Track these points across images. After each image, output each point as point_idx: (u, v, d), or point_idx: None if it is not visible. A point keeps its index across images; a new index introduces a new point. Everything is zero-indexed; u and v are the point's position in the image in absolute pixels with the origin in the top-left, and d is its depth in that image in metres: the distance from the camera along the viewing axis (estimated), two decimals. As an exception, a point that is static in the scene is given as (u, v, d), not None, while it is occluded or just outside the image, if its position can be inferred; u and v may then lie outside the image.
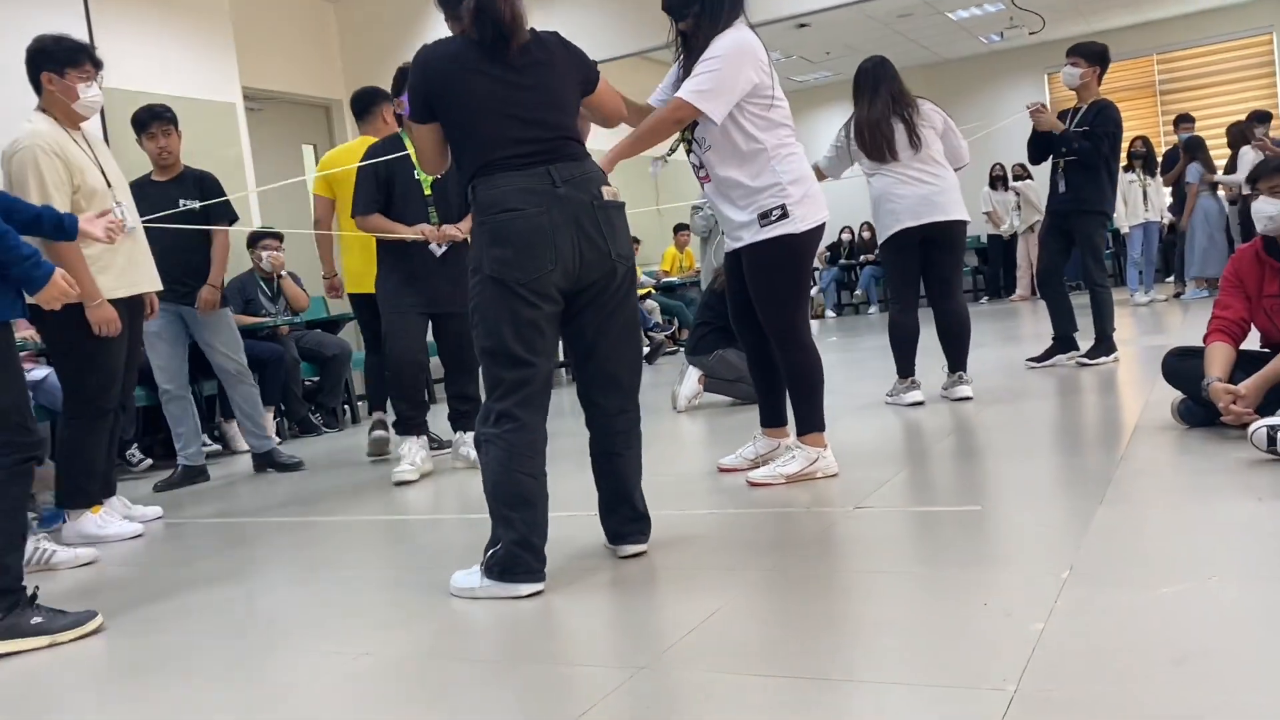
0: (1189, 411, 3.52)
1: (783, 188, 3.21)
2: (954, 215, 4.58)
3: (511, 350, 2.43)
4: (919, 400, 4.66)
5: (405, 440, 4.40)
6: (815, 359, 3.35)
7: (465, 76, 2.49)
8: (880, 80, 4.62)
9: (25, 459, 2.56)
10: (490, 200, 2.44)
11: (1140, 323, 7.57)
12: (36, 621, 2.48)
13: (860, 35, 11.61)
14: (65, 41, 3.65)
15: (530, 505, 2.43)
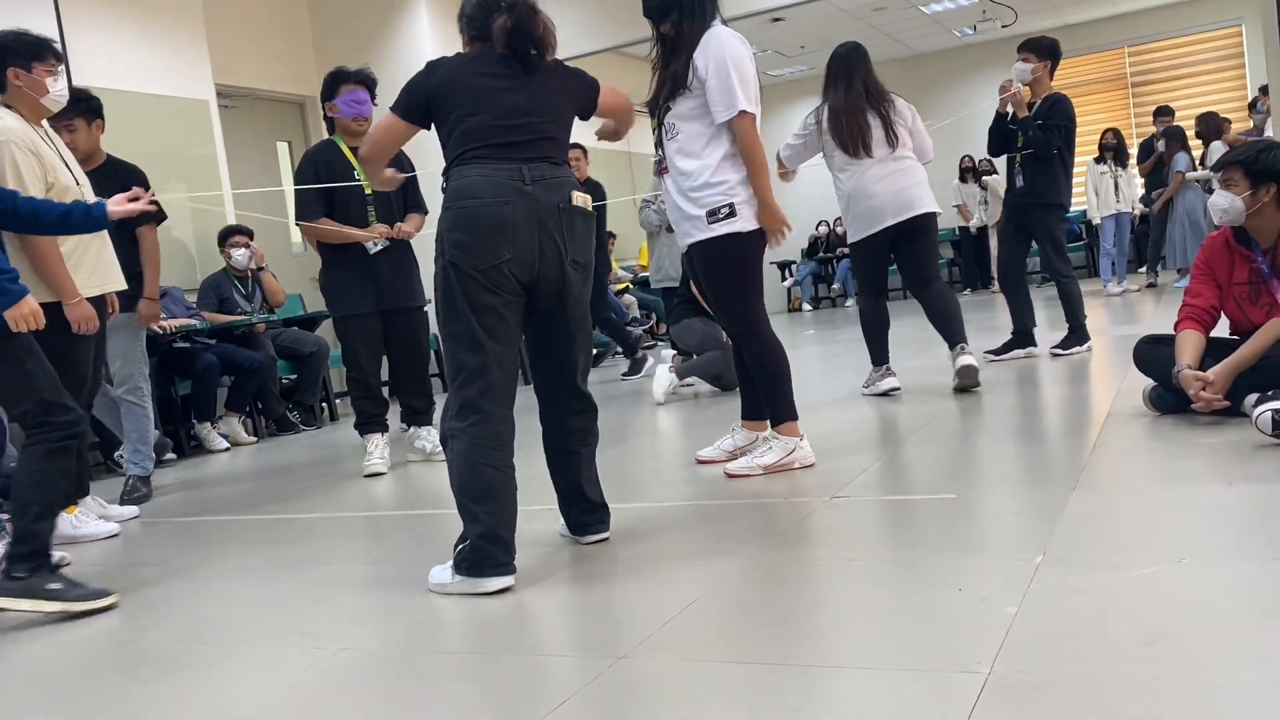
0: (1160, 399, 3.56)
1: (731, 186, 3.24)
2: (926, 208, 4.60)
3: (473, 334, 2.45)
4: (895, 387, 4.66)
5: (369, 437, 4.47)
6: (777, 350, 3.38)
7: (472, 79, 2.54)
8: (854, 68, 4.58)
9: (66, 436, 2.74)
10: (457, 189, 2.49)
11: (1113, 313, 7.64)
12: (53, 587, 2.65)
13: (834, 29, 11.64)
14: (27, 36, 3.61)
15: (495, 498, 2.42)
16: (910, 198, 4.55)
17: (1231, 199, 3.39)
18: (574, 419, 2.68)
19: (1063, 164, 5.38)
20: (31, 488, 2.71)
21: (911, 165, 4.60)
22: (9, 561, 2.68)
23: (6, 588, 2.64)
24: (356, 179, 4.33)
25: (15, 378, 2.75)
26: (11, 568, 2.67)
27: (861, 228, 4.64)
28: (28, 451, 2.73)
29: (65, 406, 2.76)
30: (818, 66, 13.62)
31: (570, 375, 2.66)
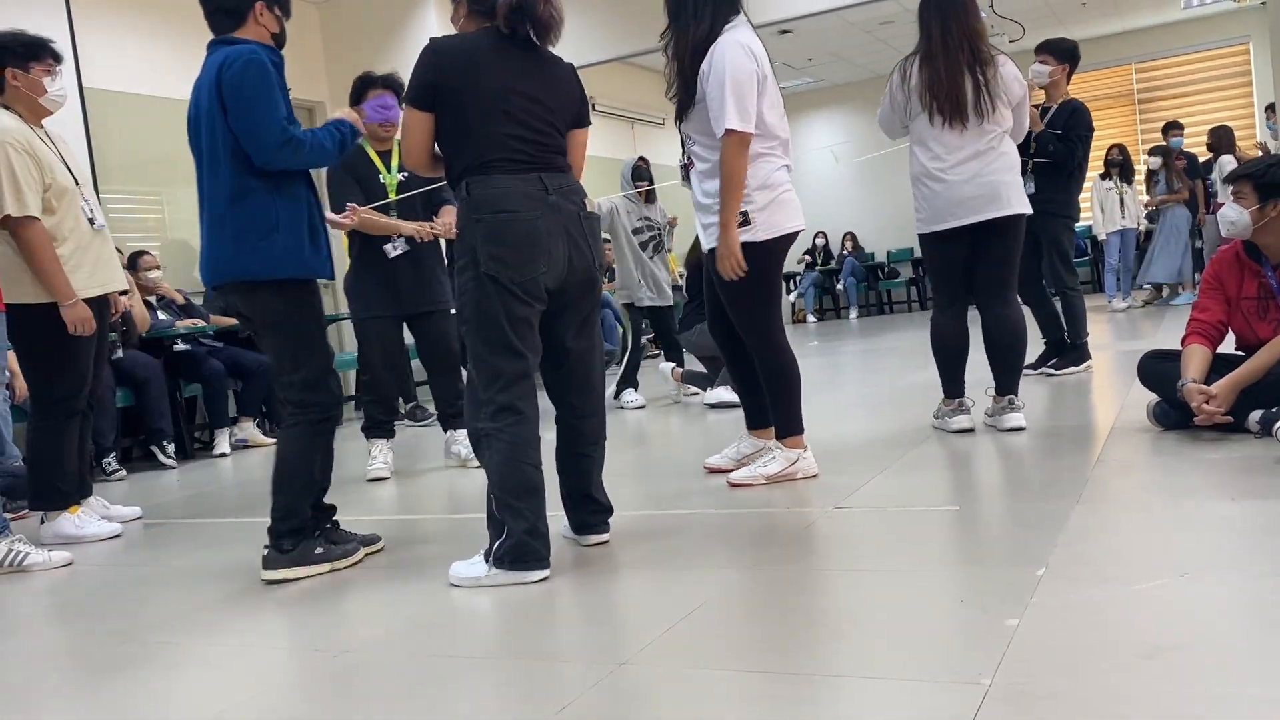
0: (1164, 414, 3.56)
1: (748, 194, 3.21)
2: (1016, 208, 3.80)
3: (511, 343, 2.51)
4: (968, 428, 3.90)
5: (374, 441, 4.46)
6: (790, 361, 3.36)
7: (478, 71, 2.53)
8: (949, 12, 3.73)
9: (325, 417, 2.81)
10: (487, 199, 2.49)
11: (1117, 329, 7.63)
12: (319, 551, 2.84)
13: (842, 42, 11.68)
14: (23, 36, 3.63)
15: (536, 494, 2.51)
16: (1000, 191, 3.75)
17: (1240, 212, 3.39)
18: (589, 421, 2.74)
19: (1073, 174, 5.28)
20: (300, 467, 2.79)
21: (1007, 150, 3.80)
22: (275, 536, 2.80)
23: (280, 560, 2.78)
24: (381, 182, 4.32)
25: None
26: (281, 541, 2.79)
27: (933, 217, 3.84)
28: (293, 430, 2.78)
29: (330, 388, 2.81)
30: (825, 79, 13.76)
31: (586, 373, 2.71)
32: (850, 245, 13.98)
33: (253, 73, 2.65)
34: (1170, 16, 12.29)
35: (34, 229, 3.50)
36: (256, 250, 2.70)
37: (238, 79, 2.65)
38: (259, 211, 2.71)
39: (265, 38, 2.80)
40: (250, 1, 2.76)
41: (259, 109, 2.65)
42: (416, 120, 2.58)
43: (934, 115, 3.74)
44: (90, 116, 6.34)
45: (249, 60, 2.66)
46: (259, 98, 2.65)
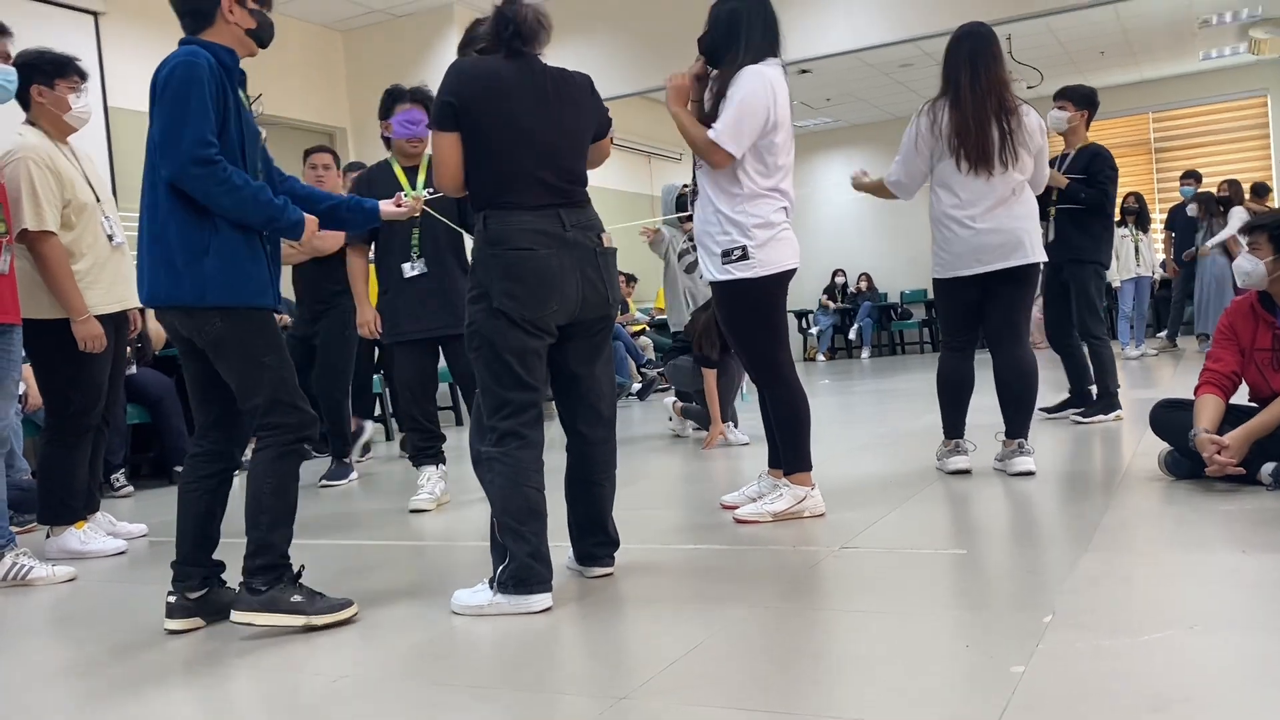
0: (1176, 463, 3.53)
1: (747, 229, 3.22)
2: (1034, 257, 3.79)
3: (519, 376, 2.52)
4: (964, 469, 3.92)
5: (422, 469, 4.31)
6: (799, 397, 3.35)
7: (499, 96, 2.54)
8: (979, 58, 3.71)
9: (296, 439, 2.55)
10: (503, 235, 2.51)
11: (1130, 376, 7.60)
12: (296, 599, 2.51)
13: (861, 82, 11.75)
14: (49, 54, 3.68)
15: (539, 518, 2.51)
16: (1021, 239, 3.75)
17: (1255, 263, 3.39)
18: (600, 449, 2.74)
19: (1102, 219, 5.22)
20: (268, 495, 2.52)
21: (1028, 198, 3.82)
22: (247, 574, 2.51)
23: (248, 601, 2.49)
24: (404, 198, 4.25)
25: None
26: (251, 580, 2.50)
27: (954, 263, 3.83)
28: (259, 456, 2.55)
29: (298, 409, 2.55)
30: (843, 118, 13.83)
31: (597, 402, 2.71)
32: (865, 285, 13.99)
33: (180, 74, 2.43)
34: (1188, 67, 12.34)
35: (51, 244, 3.53)
36: (185, 275, 2.48)
37: (163, 81, 2.45)
38: (188, 233, 2.48)
39: (239, 38, 2.59)
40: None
41: (175, 113, 2.42)
42: (444, 142, 2.58)
43: (960, 161, 3.73)
44: (114, 134, 6.42)
45: (180, 62, 2.45)
46: (179, 101, 2.42)
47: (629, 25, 8.23)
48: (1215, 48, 11.56)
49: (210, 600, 2.64)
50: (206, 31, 2.56)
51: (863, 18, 7.61)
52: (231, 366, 2.54)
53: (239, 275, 2.51)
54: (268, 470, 2.53)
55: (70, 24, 6.15)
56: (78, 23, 6.21)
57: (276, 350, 2.57)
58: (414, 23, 8.45)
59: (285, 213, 2.55)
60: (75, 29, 6.17)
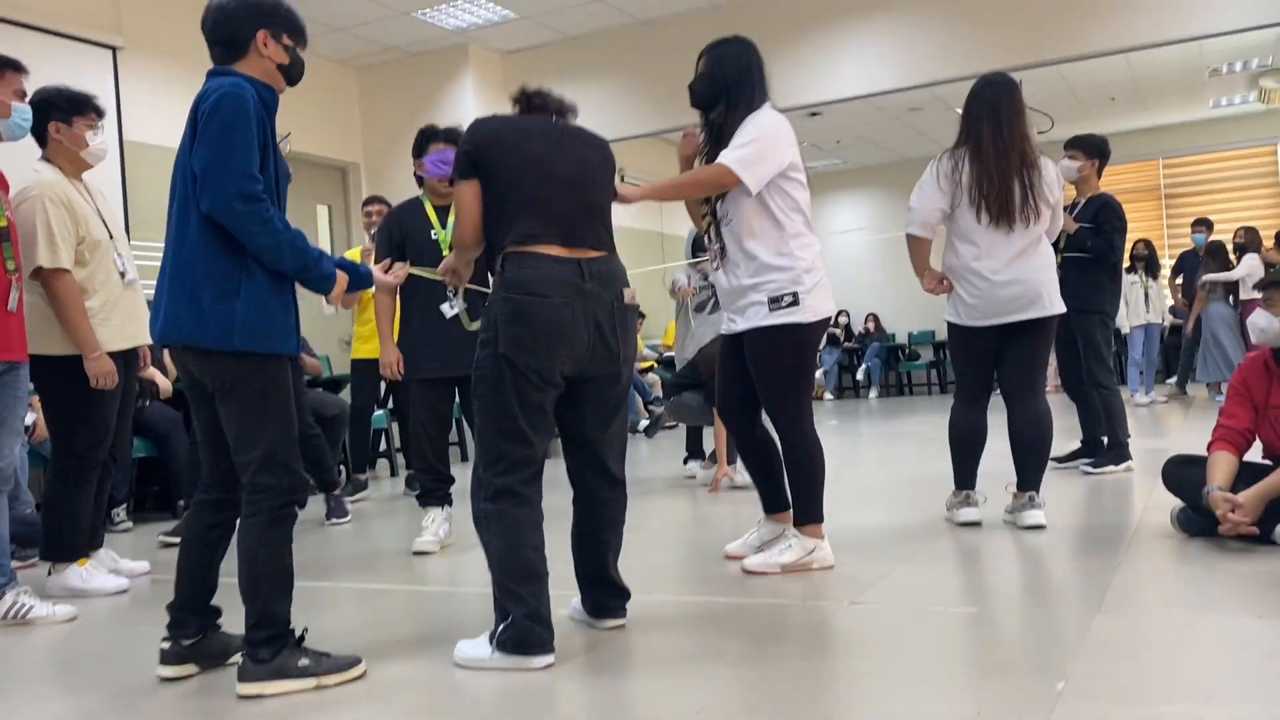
0: (1188, 520, 3.49)
1: (798, 275, 3.21)
2: (1052, 309, 3.79)
3: (519, 428, 2.47)
4: (975, 521, 3.89)
5: (428, 510, 4.28)
6: (817, 449, 3.33)
7: (517, 139, 2.57)
8: (1001, 111, 3.72)
9: (287, 502, 2.45)
10: (518, 279, 2.47)
11: (1140, 424, 7.56)
12: (303, 664, 2.43)
13: (871, 126, 11.81)
14: (68, 92, 3.71)
15: (537, 579, 2.45)
16: (1040, 291, 3.73)
17: (1270, 319, 3.37)
18: (608, 505, 2.70)
19: (1108, 268, 5.21)
20: (264, 565, 2.42)
21: (1045, 251, 3.81)
22: (251, 645, 2.41)
23: (255, 671, 2.40)
24: (433, 239, 4.21)
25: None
26: (256, 650, 2.41)
27: (972, 313, 3.81)
28: (248, 522, 2.44)
29: (291, 470, 2.44)
30: (852, 161, 13.89)
31: (604, 459, 2.67)
32: (873, 326, 13.99)
33: (228, 105, 2.35)
34: (1198, 115, 12.39)
35: (64, 281, 3.54)
36: (211, 315, 2.37)
37: (210, 110, 2.36)
38: (221, 271, 2.38)
39: (271, 71, 2.51)
40: (251, 31, 2.47)
41: (223, 144, 2.33)
42: (464, 191, 2.57)
43: (981, 214, 3.71)
44: (129, 169, 6.46)
45: (227, 93, 2.36)
46: (227, 132, 2.34)
47: (643, 70, 8.28)
48: (1225, 96, 11.61)
49: (204, 646, 2.61)
50: (239, 63, 2.48)
51: (874, 63, 7.66)
52: (236, 414, 2.43)
53: (267, 320, 2.41)
54: (261, 538, 2.41)
55: (89, 58, 6.21)
56: (97, 57, 6.27)
57: (284, 405, 2.45)
58: (428, 61, 8.52)
59: (320, 264, 2.47)
60: (94, 63, 6.23)
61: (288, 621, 2.46)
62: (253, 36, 2.47)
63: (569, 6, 7.83)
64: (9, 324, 3.29)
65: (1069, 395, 5.44)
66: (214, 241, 2.38)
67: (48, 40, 5.94)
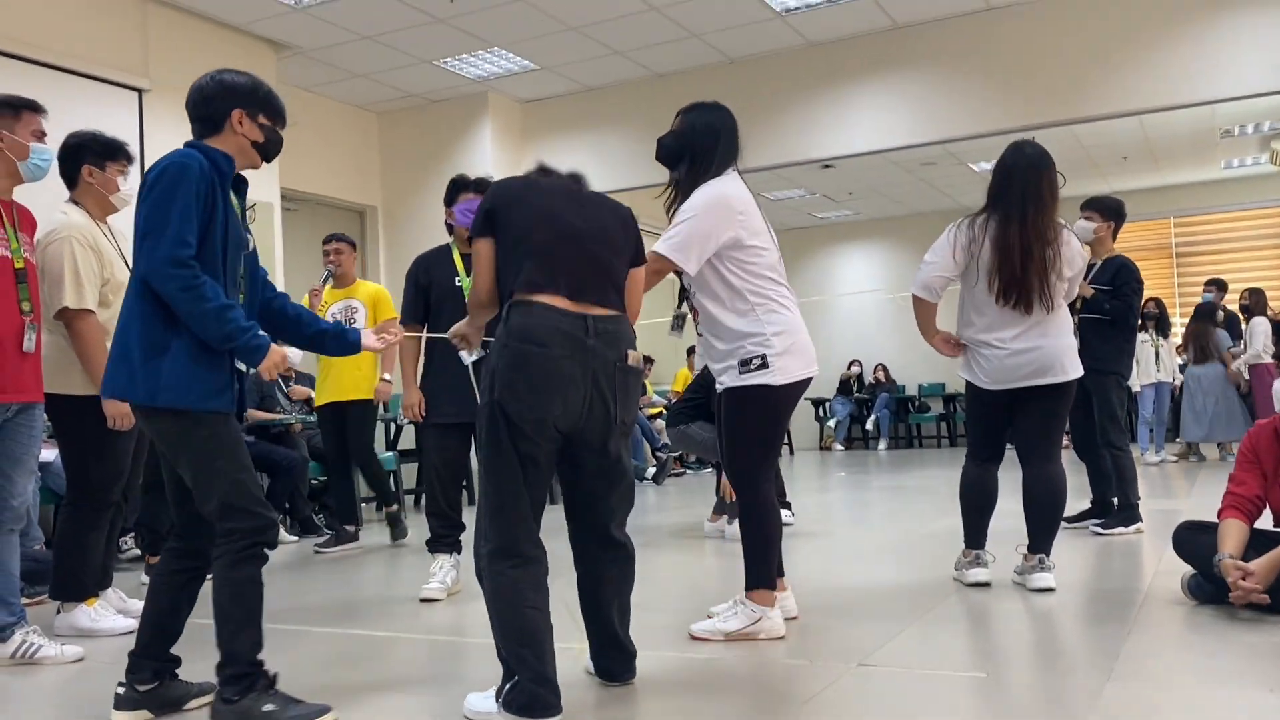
0: (1199, 588, 3.48)
1: (766, 338, 3.20)
2: (1068, 374, 3.77)
3: (516, 480, 2.46)
4: (984, 582, 3.88)
5: (436, 556, 4.28)
6: (771, 512, 3.27)
7: (531, 193, 2.61)
8: (1029, 189, 3.68)
9: (250, 544, 2.50)
10: (521, 327, 2.45)
11: (1150, 485, 7.53)
12: (268, 709, 2.44)
13: (883, 178, 11.90)
14: (102, 137, 3.81)
15: (540, 640, 2.41)
16: (1055, 358, 3.71)
17: None
18: (609, 567, 2.67)
19: (1125, 330, 5.22)
20: (227, 604, 2.49)
21: (1061, 318, 3.77)
22: (220, 684, 2.47)
23: (221, 713, 2.45)
24: (458, 285, 4.25)
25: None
26: (223, 690, 2.46)
27: (985, 377, 3.81)
28: (216, 564, 2.51)
29: (252, 512, 2.51)
30: (864, 212, 13.98)
31: (606, 524, 2.65)
32: (883, 376, 14.00)
33: (170, 174, 2.45)
34: (1210, 175, 12.46)
35: (88, 321, 3.59)
36: (140, 372, 2.47)
37: (154, 179, 2.46)
38: (151, 330, 2.48)
39: (245, 148, 2.63)
40: (226, 110, 2.59)
41: (159, 212, 2.42)
42: (480, 248, 2.60)
43: (999, 297, 3.70)
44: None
45: (172, 162, 2.47)
46: (164, 200, 2.42)
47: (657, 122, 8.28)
48: (1237, 157, 11.69)
49: (159, 694, 2.62)
50: (214, 138, 2.60)
51: (888, 119, 7.74)
52: (187, 469, 2.53)
53: (192, 377, 2.48)
54: (224, 579, 2.49)
55: (116, 100, 6.32)
56: (123, 99, 6.38)
57: (229, 454, 2.52)
58: (448, 108, 8.64)
59: (245, 335, 2.50)
60: (120, 105, 6.34)
61: (252, 661, 2.50)
62: (228, 115, 2.60)
63: (587, 59, 7.95)
64: (25, 365, 3.33)
65: (1079, 455, 5.44)
66: (148, 302, 2.48)
67: (76, 82, 6.06)
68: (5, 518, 3.32)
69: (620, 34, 7.51)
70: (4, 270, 3.27)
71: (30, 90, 4.15)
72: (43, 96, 3.56)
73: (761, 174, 9.27)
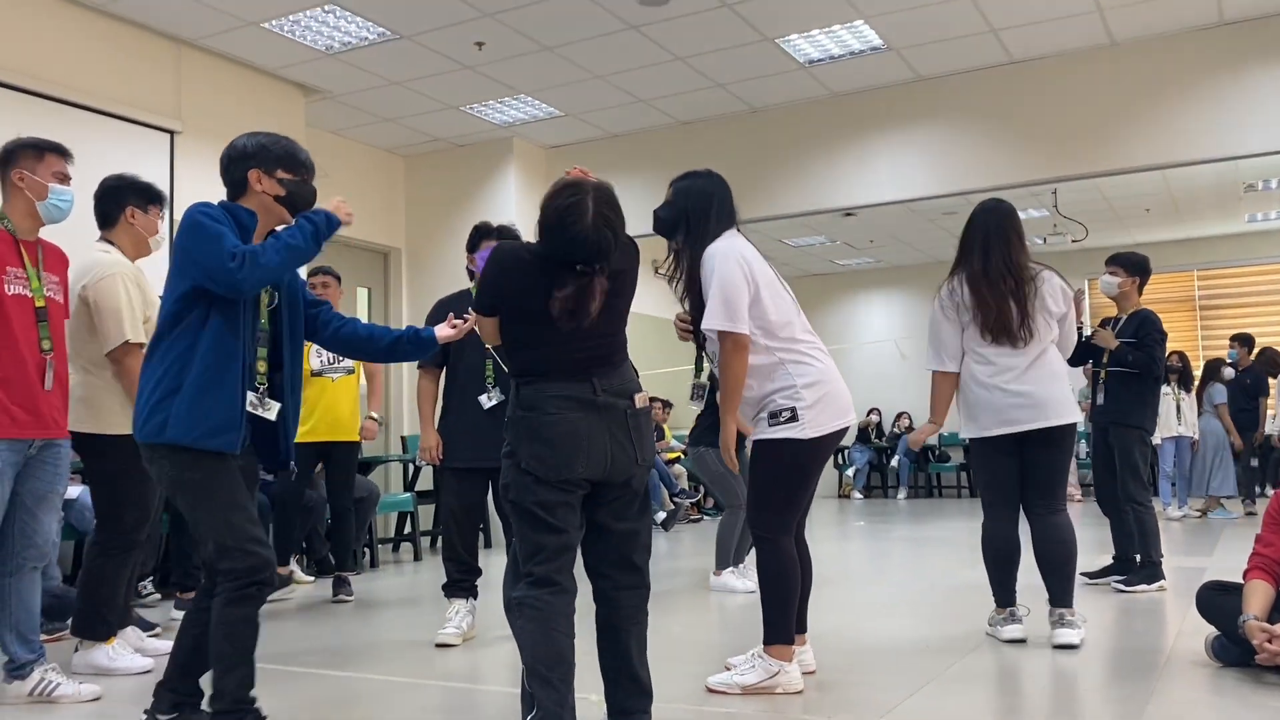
0: (1223, 649, 3.43)
1: (795, 390, 3.20)
2: (1061, 419, 3.83)
3: (549, 523, 2.52)
4: (1018, 637, 3.86)
5: (452, 601, 4.28)
6: (790, 566, 3.25)
7: (533, 287, 2.57)
8: (992, 239, 3.88)
9: (245, 584, 2.59)
10: (533, 401, 2.55)
11: (1172, 541, 7.44)
12: None
13: (904, 227, 11.93)
14: (141, 181, 3.91)
15: (567, 665, 2.46)
16: (1045, 402, 3.80)
17: None
18: (627, 594, 2.67)
19: (1150, 383, 5.20)
20: (220, 642, 2.60)
21: (1052, 362, 3.88)
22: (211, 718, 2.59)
23: None
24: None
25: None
26: None
27: (979, 423, 3.91)
28: (214, 603, 2.62)
29: (246, 551, 2.61)
30: (884, 260, 14.02)
31: (628, 553, 2.68)
32: (906, 424, 13.94)
33: (185, 224, 2.64)
34: (1234, 228, 12.43)
35: (138, 356, 3.64)
36: (154, 413, 2.62)
37: (179, 234, 2.66)
38: (165, 372, 2.63)
39: (268, 204, 2.78)
40: (243, 173, 2.77)
41: (197, 248, 2.60)
42: (485, 324, 2.69)
43: (985, 333, 3.85)
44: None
45: (185, 216, 2.66)
46: (196, 240, 2.61)
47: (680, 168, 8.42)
48: (1261, 211, 11.66)
49: None
50: (242, 198, 2.78)
51: (911, 170, 7.78)
52: (185, 510, 2.66)
53: (201, 416, 2.60)
54: (219, 617, 2.59)
55: (148, 141, 6.42)
56: (154, 141, 6.49)
57: (226, 497, 2.63)
58: (474, 152, 8.75)
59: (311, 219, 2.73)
60: (152, 146, 6.44)
61: (240, 699, 2.59)
62: (245, 176, 2.77)
63: (612, 106, 8.04)
64: (47, 401, 3.36)
65: (1103, 510, 5.40)
66: (162, 348, 2.65)
67: (109, 123, 6.17)
68: (29, 555, 3.35)
69: (645, 83, 7.59)
70: (25, 309, 3.31)
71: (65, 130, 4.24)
72: (77, 136, 3.65)
73: (783, 221, 9.32)
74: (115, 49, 6.26)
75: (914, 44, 7.07)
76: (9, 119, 5.30)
